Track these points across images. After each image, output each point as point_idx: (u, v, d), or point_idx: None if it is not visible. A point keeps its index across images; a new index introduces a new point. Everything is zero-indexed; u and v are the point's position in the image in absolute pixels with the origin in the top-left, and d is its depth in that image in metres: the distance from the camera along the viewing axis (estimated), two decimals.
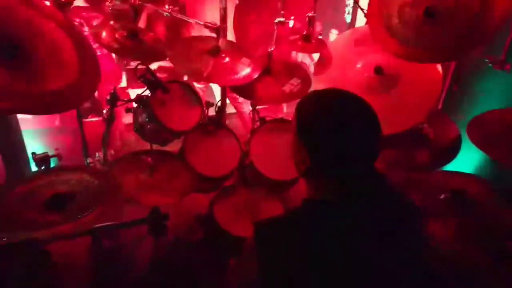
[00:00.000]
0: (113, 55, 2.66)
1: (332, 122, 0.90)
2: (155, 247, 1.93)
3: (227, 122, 2.50)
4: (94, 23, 2.21)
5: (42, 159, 1.73)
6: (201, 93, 2.00)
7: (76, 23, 2.15)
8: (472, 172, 2.63)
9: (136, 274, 2.01)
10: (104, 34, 1.61)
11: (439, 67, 1.95)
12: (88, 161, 2.07)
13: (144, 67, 1.75)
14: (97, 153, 2.08)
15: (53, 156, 1.80)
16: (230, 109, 2.94)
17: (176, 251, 2.03)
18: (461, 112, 2.36)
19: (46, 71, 1.29)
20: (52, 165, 1.81)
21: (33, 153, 1.76)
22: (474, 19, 1.60)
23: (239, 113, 3.05)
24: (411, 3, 1.82)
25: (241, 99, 2.85)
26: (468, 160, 2.44)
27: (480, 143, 1.89)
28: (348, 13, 3.22)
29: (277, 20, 2.17)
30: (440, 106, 2.28)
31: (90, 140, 2.12)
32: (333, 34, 4.24)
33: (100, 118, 1.90)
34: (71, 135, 2.69)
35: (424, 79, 1.98)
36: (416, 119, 2.00)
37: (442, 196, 2.00)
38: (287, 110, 3.51)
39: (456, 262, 1.63)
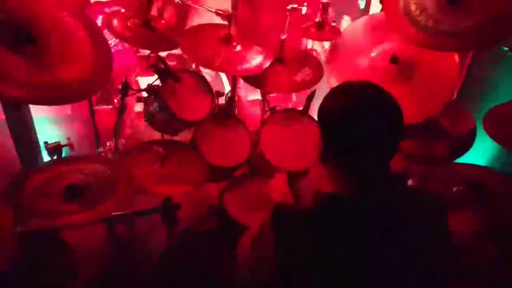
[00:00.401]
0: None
1: (348, 111, 0.89)
2: (167, 236, 1.95)
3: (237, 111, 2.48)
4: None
5: (54, 148, 1.74)
6: (209, 79, 1.97)
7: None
8: (485, 164, 2.59)
9: (149, 262, 2.04)
10: (115, 22, 1.58)
11: (456, 56, 1.89)
12: (99, 150, 2.08)
13: (155, 55, 1.73)
14: (108, 142, 2.09)
15: (65, 145, 1.80)
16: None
17: (188, 240, 2.05)
18: (476, 102, 2.31)
19: (59, 61, 1.28)
20: (64, 154, 1.83)
21: (45, 142, 1.77)
22: (503, 5, 1.53)
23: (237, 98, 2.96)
24: None
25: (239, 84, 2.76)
26: (481, 151, 2.40)
27: (496, 136, 1.85)
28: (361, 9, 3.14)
29: (289, 6, 2.12)
30: (455, 96, 2.22)
31: (101, 129, 2.12)
32: (345, 21, 4.15)
33: (111, 107, 1.90)
34: (83, 124, 2.69)
35: (441, 69, 1.92)
36: (432, 110, 1.95)
37: (455, 189, 1.98)
38: (296, 99, 3.47)
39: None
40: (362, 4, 3.09)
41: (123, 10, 1.67)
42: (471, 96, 2.29)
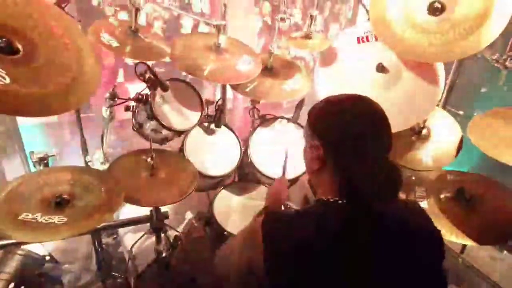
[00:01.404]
0: None
1: (344, 120, 0.93)
2: (156, 245, 1.93)
3: (227, 119, 2.48)
4: None
5: (41, 159, 1.72)
6: None
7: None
8: (471, 169, 2.64)
9: (137, 271, 2.01)
10: (103, 31, 1.58)
11: (441, 65, 1.93)
12: (86, 159, 2.05)
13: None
14: (95, 152, 2.07)
15: (52, 155, 1.78)
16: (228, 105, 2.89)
17: (176, 249, 2.03)
18: (461, 107, 2.35)
19: (46, 71, 1.26)
20: (50, 164, 1.80)
21: (31, 152, 1.75)
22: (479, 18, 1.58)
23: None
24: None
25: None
26: (467, 157, 2.44)
27: (482, 144, 1.89)
28: (350, 9, 3.19)
29: (278, 16, 2.14)
30: (441, 104, 2.26)
31: (89, 136, 2.09)
32: (334, 29, 4.22)
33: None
34: (70, 130, 2.67)
35: (426, 77, 1.97)
36: (418, 117, 1.99)
37: (443, 196, 2.00)
38: (287, 105, 3.50)
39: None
40: (349, 14, 3.15)
41: (111, 20, 1.66)
42: (456, 104, 2.33)
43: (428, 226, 0.97)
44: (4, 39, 1.19)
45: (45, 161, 1.72)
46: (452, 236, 1.68)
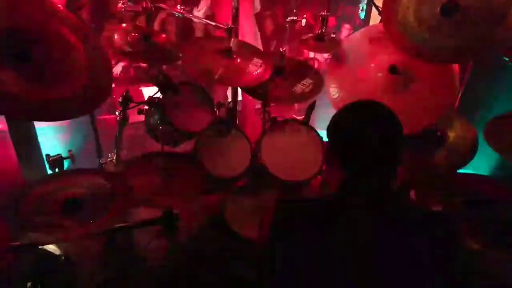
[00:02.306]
0: None
1: (355, 127, 0.96)
2: (167, 246, 1.95)
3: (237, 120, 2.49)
4: None
5: (55, 161, 1.76)
6: None
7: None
8: (489, 173, 2.58)
9: (149, 272, 2.03)
10: (117, 36, 1.61)
11: (456, 66, 1.90)
12: (100, 161, 2.09)
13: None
14: (109, 154, 2.10)
15: (66, 157, 1.82)
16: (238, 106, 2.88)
17: (188, 251, 2.04)
18: (476, 112, 2.30)
19: (58, 76, 1.29)
20: (65, 166, 1.84)
21: (47, 155, 1.79)
22: (498, 19, 1.54)
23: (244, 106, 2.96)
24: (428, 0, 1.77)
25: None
26: (484, 160, 2.39)
27: (497, 146, 1.84)
28: (362, 10, 3.15)
29: (289, 18, 2.14)
30: (456, 105, 2.22)
31: (104, 137, 2.12)
32: (346, 29, 4.18)
33: (114, 116, 1.90)
34: (85, 133, 2.71)
35: (441, 78, 1.93)
36: (432, 119, 1.96)
37: (458, 199, 1.97)
38: (298, 107, 3.49)
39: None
40: (362, 14, 3.12)
41: (124, 25, 1.69)
42: (471, 106, 2.28)
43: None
44: (18, 46, 1.22)
45: (60, 164, 1.75)
46: None
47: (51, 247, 1.84)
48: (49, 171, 1.81)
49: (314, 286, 0.91)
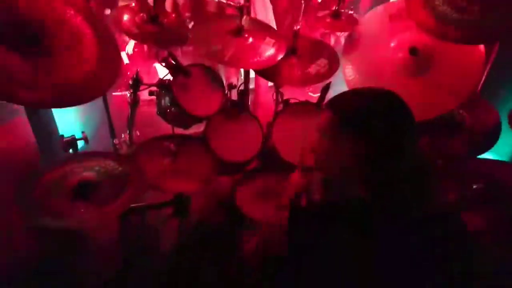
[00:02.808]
0: None
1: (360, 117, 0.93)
2: (179, 227, 2.00)
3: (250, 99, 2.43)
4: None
5: (69, 143, 1.78)
6: None
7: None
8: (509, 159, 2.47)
9: (162, 252, 2.10)
10: (126, 17, 1.57)
11: (481, 47, 1.77)
12: (114, 142, 2.11)
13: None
14: (123, 134, 2.12)
15: (79, 139, 1.85)
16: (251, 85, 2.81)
17: (199, 232, 2.08)
18: (502, 97, 2.17)
19: (66, 61, 1.28)
20: (79, 146, 1.87)
21: (61, 136, 1.82)
22: None
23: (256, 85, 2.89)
24: None
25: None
26: (506, 145, 2.28)
27: None
28: None
29: None
30: (479, 90, 2.10)
31: (118, 116, 2.12)
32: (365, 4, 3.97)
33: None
34: (100, 111, 2.74)
35: (464, 61, 1.82)
36: (454, 103, 1.86)
37: (475, 186, 1.90)
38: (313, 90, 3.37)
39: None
40: None
41: (133, 4, 1.65)
42: (496, 90, 2.16)
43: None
44: (24, 31, 1.20)
45: (74, 145, 1.78)
46: None
47: None
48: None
49: (314, 284, 0.91)
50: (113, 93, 3.33)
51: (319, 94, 2.10)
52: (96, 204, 1.43)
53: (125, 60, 3.16)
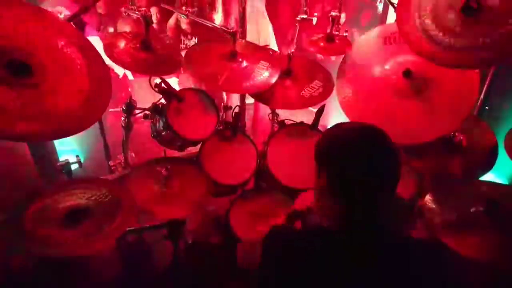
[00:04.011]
0: None
1: (347, 150, 0.93)
2: (173, 250, 1.98)
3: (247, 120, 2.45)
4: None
5: (63, 166, 1.79)
6: None
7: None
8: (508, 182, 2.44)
9: (157, 273, 2.08)
10: (122, 45, 1.58)
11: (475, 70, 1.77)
12: (110, 163, 2.12)
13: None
14: (118, 156, 2.13)
15: (74, 162, 1.86)
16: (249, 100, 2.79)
17: (194, 254, 2.07)
18: (499, 119, 2.15)
19: (56, 91, 1.29)
20: (73, 168, 1.88)
21: (53, 160, 1.83)
22: None
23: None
24: (447, 0, 1.64)
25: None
26: (506, 168, 2.26)
27: None
28: (380, 1, 2.99)
29: (299, 17, 2.04)
30: (476, 112, 2.08)
31: (114, 132, 2.12)
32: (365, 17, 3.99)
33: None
34: (95, 130, 2.74)
35: (459, 83, 1.81)
36: (450, 126, 1.84)
37: (473, 209, 1.87)
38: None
39: None
40: (380, 7, 2.95)
41: (127, 30, 1.67)
42: (493, 112, 2.14)
43: (434, 278, 0.91)
44: (15, 60, 1.21)
45: (68, 169, 1.79)
46: None
47: None
48: None
49: None
50: (110, 109, 3.34)
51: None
52: (87, 230, 1.43)
53: (130, 76, 3.18)
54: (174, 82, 2.99)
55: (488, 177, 2.18)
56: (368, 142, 0.93)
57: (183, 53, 1.76)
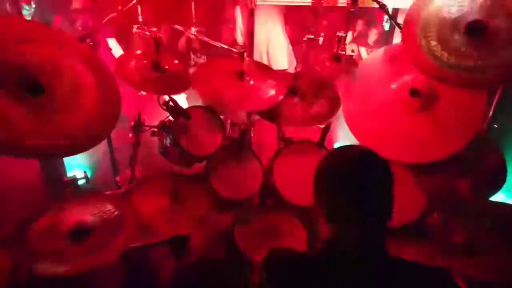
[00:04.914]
0: None
1: (341, 176, 0.93)
2: (177, 265, 1.97)
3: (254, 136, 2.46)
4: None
5: (69, 182, 1.81)
6: None
7: None
8: None
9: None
10: (133, 63, 1.62)
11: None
12: (116, 179, 2.15)
13: None
14: (125, 171, 2.15)
15: (81, 178, 1.88)
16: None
17: (197, 270, 2.05)
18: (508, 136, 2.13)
19: (65, 109, 1.32)
20: (81, 183, 1.90)
21: (61, 177, 1.86)
22: None
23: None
24: (452, 22, 1.65)
25: None
26: None
27: None
28: (387, 21, 3.02)
29: (306, 37, 2.07)
30: (484, 129, 2.07)
31: (122, 145, 2.14)
32: (373, 34, 4.03)
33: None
34: (103, 144, 2.77)
35: (466, 102, 1.81)
36: (457, 146, 1.83)
37: (481, 230, 1.84)
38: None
39: None
40: (386, 26, 2.99)
41: (138, 52, 1.71)
42: (502, 130, 2.12)
43: None
44: (26, 80, 1.23)
45: (75, 185, 1.81)
46: None
47: None
48: None
49: None
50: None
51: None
52: (92, 247, 1.44)
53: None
54: (182, 97, 3.04)
55: (499, 197, 2.16)
56: (361, 166, 0.93)
57: (192, 70, 1.81)
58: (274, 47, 3.17)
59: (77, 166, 2.24)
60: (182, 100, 2.90)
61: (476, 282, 1.67)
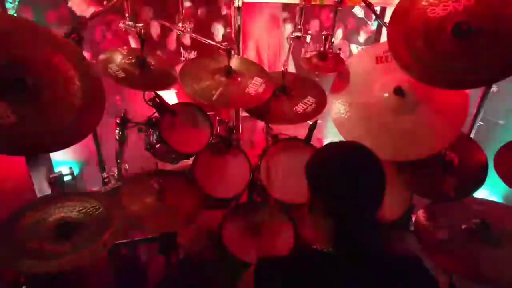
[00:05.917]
0: None
1: (336, 171, 0.94)
2: (165, 265, 1.98)
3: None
4: None
5: (56, 179, 1.81)
6: None
7: None
8: (501, 198, 2.45)
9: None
10: (119, 60, 1.62)
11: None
12: (103, 175, 2.13)
13: None
14: (111, 169, 2.14)
15: (67, 174, 1.87)
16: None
17: (186, 268, 2.06)
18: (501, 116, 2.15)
19: (50, 106, 1.31)
20: (67, 179, 1.90)
21: (47, 173, 1.85)
22: None
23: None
24: (438, 23, 1.67)
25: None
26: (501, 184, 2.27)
27: (506, 177, 1.75)
28: (375, 19, 3.04)
29: (293, 34, 2.08)
30: (468, 129, 2.11)
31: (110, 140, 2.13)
32: (364, 32, 4.05)
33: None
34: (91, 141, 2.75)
35: (450, 101, 1.84)
36: (441, 144, 1.86)
37: (464, 227, 1.88)
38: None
39: None
40: (374, 25, 3.01)
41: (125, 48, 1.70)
42: (485, 131, 2.16)
43: None
44: (14, 75, 1.23)
45: (60, 181, 1.80)
46: None
47: None
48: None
49: None
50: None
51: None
52: (78, 244, 1.43)
53: None
54: (172, 93, 3.02)
55: (483, 193, 2.20)
56: (353, 160, 0.95)
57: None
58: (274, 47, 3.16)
59: (63, 163, 2.23)
60: (171, 96, 2.89)
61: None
